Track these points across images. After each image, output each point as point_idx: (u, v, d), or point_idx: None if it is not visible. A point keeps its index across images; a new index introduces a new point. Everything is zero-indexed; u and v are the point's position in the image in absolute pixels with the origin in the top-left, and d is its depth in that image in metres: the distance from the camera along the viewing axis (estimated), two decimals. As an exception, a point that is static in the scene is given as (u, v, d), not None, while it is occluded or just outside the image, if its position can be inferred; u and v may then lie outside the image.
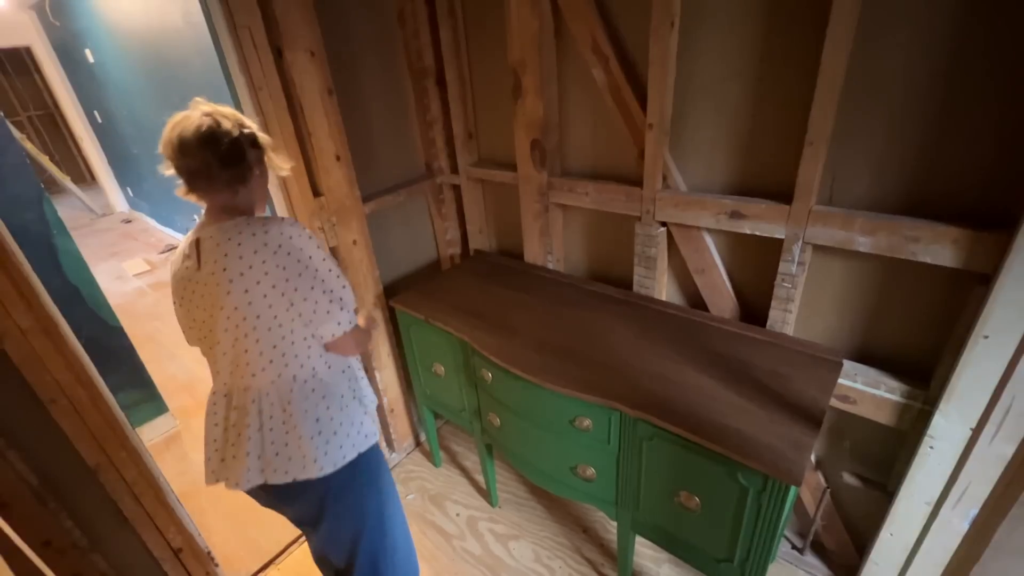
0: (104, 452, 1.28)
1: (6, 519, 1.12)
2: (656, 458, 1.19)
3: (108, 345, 2.21)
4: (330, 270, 0.96)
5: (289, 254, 0.90)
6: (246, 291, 0.89)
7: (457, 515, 1.91)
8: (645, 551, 1.70)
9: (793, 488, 1.02)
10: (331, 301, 0.95)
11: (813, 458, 1.49)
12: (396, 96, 1.84)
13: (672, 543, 1.29)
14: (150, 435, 2.39)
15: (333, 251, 1.71)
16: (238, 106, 1.40)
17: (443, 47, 1.75)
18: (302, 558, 1.78)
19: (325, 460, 0.98)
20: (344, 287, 0.99)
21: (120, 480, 1.32)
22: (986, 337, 0.99)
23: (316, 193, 1.60)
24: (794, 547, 1.62)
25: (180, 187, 0.97)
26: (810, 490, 1.52)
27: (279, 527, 1.83)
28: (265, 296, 0.91)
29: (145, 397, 2.37)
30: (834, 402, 1.30)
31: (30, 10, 5.12)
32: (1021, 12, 0.88)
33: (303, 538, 1.83)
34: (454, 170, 1.99)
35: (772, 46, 1.16)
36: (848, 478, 1.41)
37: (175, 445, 2.38)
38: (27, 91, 7.09)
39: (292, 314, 0.94)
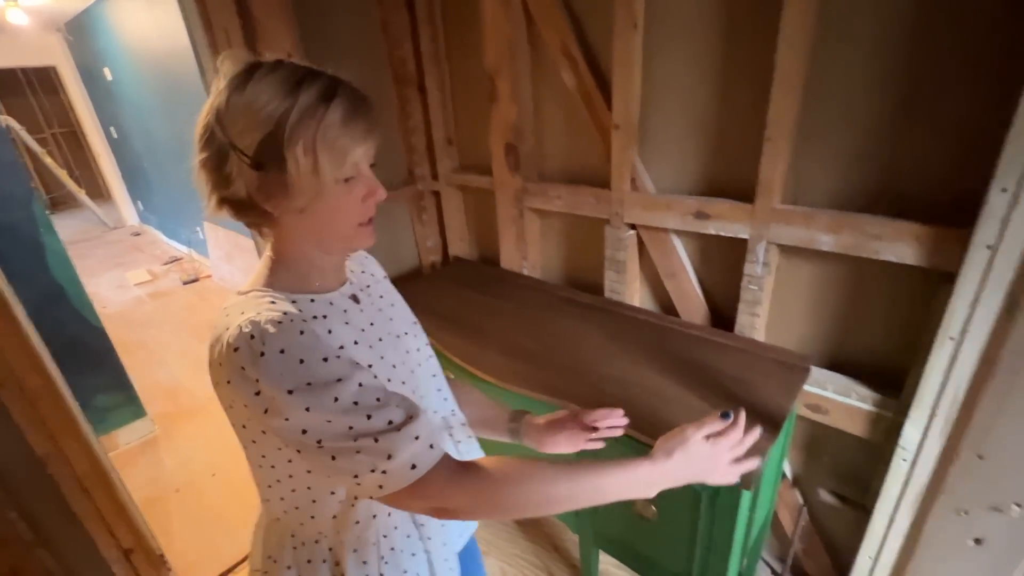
0: (55, 442, 1.26)
1: (-57, 505, 1.10)
2: (613, 464, 1.14)
3: (91, 346, 2.21)
4: (336, 400, 0.54)
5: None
6: (229, 407, 0.60)
7: (426, 528, 1.84)
8: (618, 573, 1.61)
9: (746, 496, 0.96)
10: (328, 451, 0.55)
11: (790, 474, 1.41)
12: (379, 103, 1.86)
13: (633, 558, 1.23)
14: (127, 438, 2.37)
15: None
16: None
17: (423, 54, 1.78)
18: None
19: None
20: (365, 433, 0.55)
21: (70, 473, 1.29)
22: (952, 339, 0.94)
23: (290, 193, 1.61)
24: (774, 572, 1.53)
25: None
26: (788, 509, 1.44)
27: (244, 534, 1.77)
28: (244, 427, 0.61)
29: (124, 401, 2.35)
30: (806, 412, 1.24)
31: (56, 32, 5.38)
32: (982, 4, 0.87)
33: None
34: (435, 176, 2.00)
35: (733, 46, 1.16)
36: (825, 495, 1.33)
37: (151, 450, 2.35)
38: (53, 109, 7.40)
39: (286, 455, 0.62)
